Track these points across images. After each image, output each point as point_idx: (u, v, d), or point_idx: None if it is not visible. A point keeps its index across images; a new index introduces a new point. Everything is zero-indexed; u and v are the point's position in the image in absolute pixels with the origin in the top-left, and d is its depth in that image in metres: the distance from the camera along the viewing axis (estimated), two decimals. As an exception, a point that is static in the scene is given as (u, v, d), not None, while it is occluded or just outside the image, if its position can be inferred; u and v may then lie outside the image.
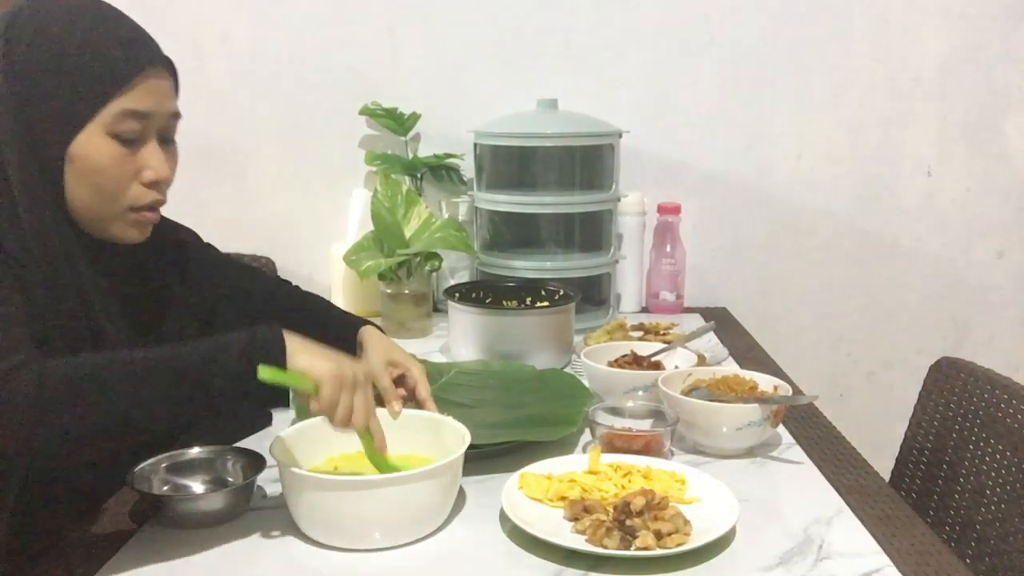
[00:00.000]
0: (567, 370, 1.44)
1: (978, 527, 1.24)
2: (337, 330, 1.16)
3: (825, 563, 0.85)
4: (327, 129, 1.97)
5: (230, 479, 0.99)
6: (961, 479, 1.30)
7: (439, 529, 0.92)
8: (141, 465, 0.97)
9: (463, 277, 1.84)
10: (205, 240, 1.24)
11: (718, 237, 2.01)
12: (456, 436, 0.96)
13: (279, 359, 0.87)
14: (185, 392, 0.85)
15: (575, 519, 0.91)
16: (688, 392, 1.17)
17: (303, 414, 1.10)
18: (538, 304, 1.54)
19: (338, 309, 1.29)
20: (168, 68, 0.97)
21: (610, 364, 1.32)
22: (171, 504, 0.93)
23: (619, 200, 1.77)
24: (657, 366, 1.32)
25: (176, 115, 0.99)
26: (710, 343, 1.56)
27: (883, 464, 1.32)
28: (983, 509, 1.24)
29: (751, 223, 2.01)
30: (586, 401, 1.20)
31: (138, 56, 0.93)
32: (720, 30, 1.93)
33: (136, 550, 0.88)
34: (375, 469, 0.96)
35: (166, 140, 0.98)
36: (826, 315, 2.05)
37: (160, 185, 0.97)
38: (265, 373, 0.86)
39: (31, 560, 0.88)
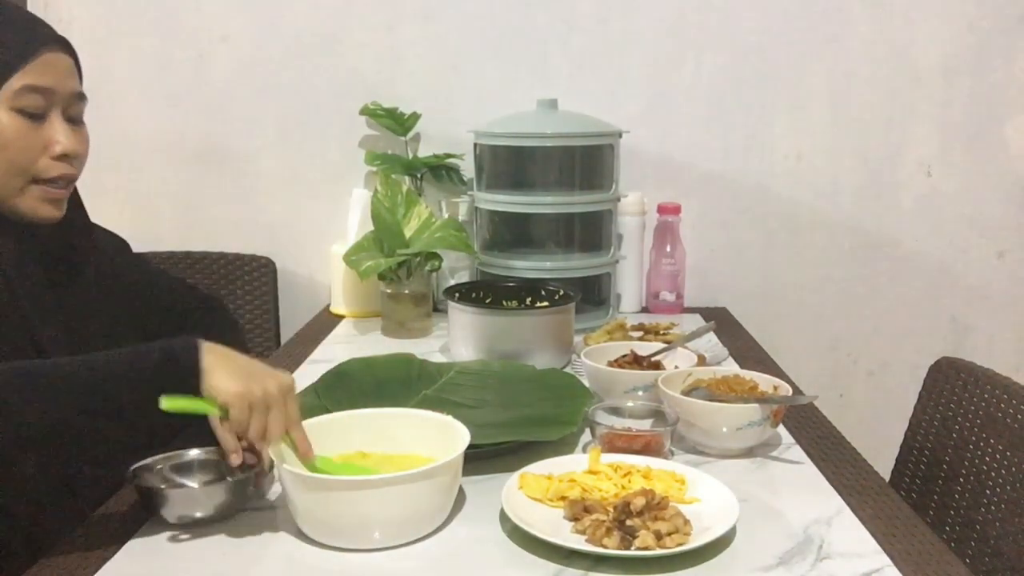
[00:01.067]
0: (567, 370, 1.44)
1: (978, 527, 1.24)
2: None
3: (825, 563, 0.85)
4: (327, 129, 1.97)
5: (229, 479, 0.99)
6: (961, 479, 1.30)
7: (439, 529, 0.92)
8: (140, 463, 0.96)
9: (463, 277, 1.84)
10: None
11: (718, 237, 2.01)
12: (456, 436, 0.96)
13: (192, 379, 0.88)
14: (97, 405, 0.86)
15: (575, 519, 0.91)
16: (688, 392, 1.17)
17: (302, 414, 1.10)
18: (538, 304, 1.54)
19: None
20: (67, 50, 1.01)
21: (610, 364, 1.32)
22: (170, 498, 0.92)
23: (619, 200, 1.77)
24: (657, 366, 1.31)
25: (80, 96, 1.02)
26: (710, 343, 1.56)
27: (883, 464, 1.32)
28: (983, 509, 1.24)
29: (751, 223, 2.01)
30: (586, 401, 1.20)
31: (35, 36, 0.97)
32: (720, 30, 1.93)
33: (136, 550, 0.88)
34: (376, 469, 0.96)
35: (73, 120, 1.01)
36: (826, 315, 2.05)
37: (70, 159, 0.99)
38: (168, 403, 0.85)
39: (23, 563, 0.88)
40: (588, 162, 1.78)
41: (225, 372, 0.89)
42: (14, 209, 0.98)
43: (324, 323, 1.81)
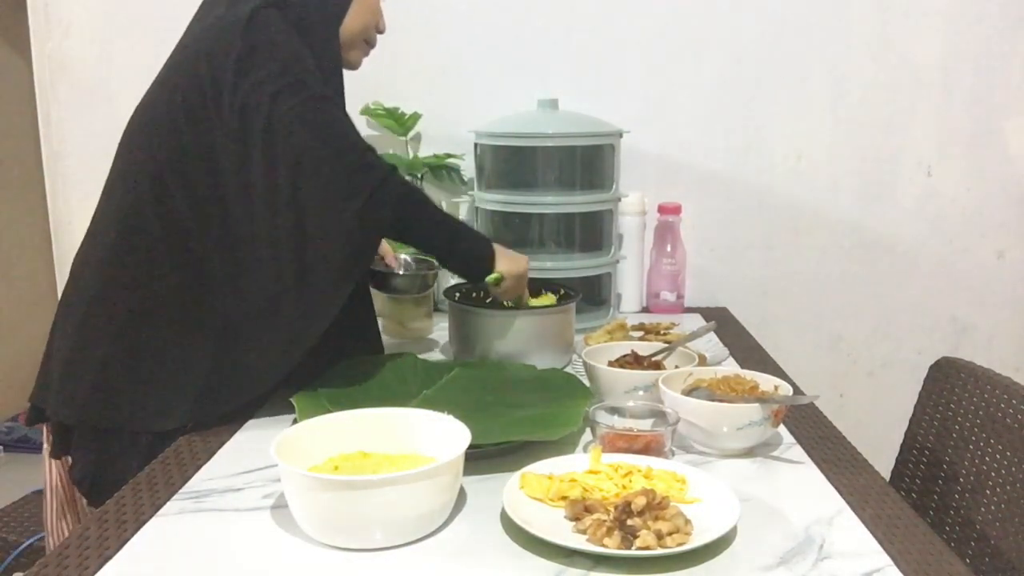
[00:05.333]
0: (567, 370, 1.44)
1: (978, 527, 1.24)
2: None
3: (825, 563, 0.85)
4: (327, 129, 1.97)
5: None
6: (961, 479, 1.30)
7: (439, 529, 0.92)
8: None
9: (463, 277, 1.84)
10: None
11: (718, 237, 2.01)
12: (456, 436, 0.96)
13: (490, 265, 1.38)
14: (442, 253, 1.35)
15: (576, 519, 0.91)
16: (689, 392, 1.17)
17: (304, 414, 1.10)
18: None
19: None
20: None
21: (610, 364, 1.32)
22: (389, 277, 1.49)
23: (619, 200, 1.77)
24: (658, 366, 1.31)
25: None
26: (710, 343, 1.56)
27: (883, 464, 1.32)
28: (983, 509, 1.24)
29: (751, 223, 2.01)
30: (586, 401, 1.20)
31: None
32: (720, 30, 1.93)
33: (135, 550, 0.89)
34: (374, 469, 0.96)
35: None
36: (826, 315, 2.05)
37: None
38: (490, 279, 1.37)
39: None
40: (588, 162, 1.79)
41: (505, 260, 1.39)
42: (348, 59, 1.34)
43: (324, 323, 1.81)
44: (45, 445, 1.28)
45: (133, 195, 1.20)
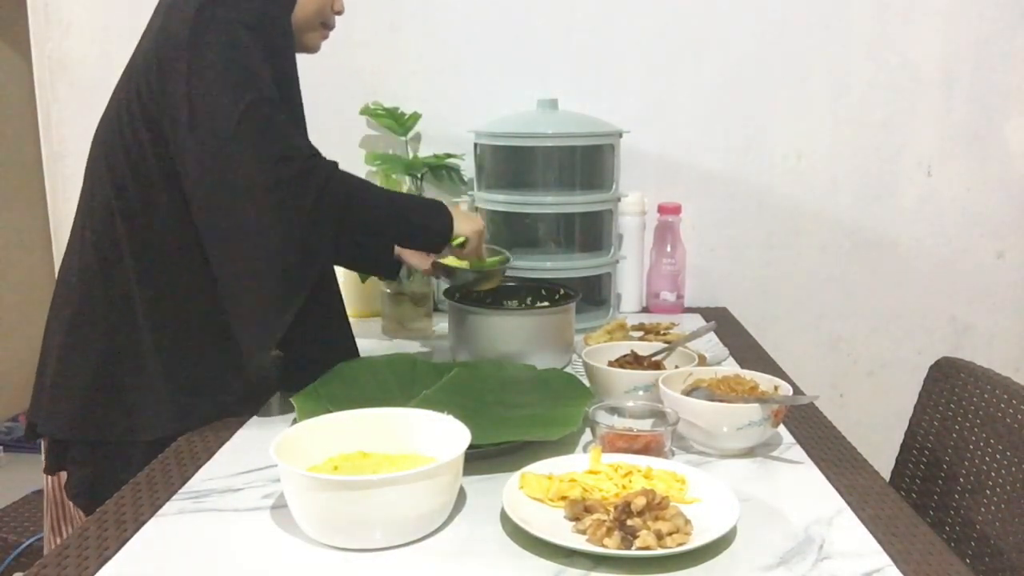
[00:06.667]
0: (567, 370, 1.44)
1: (978, 527, 1.24)
2: None
3: (825, 563, 0.85)
4: (327, 129, 1.96)
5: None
6: (961, 479, 1.30)
7: (439, 529, 0.92)
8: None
9: (463, 277, 1.84)
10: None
11: (718, 237, 2.01)
12: (456, 436, 0.96)
13: (448, 234, 1.34)
14: (394, 231, 1.33)
15: (576, 519, 0.91)
16: (688, 392, 1.17)
17: (304, 414, 1.10)
18: (538, 304, 1.54)
19: None
20: None
21: (610, 364, 1.31)
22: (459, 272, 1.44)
23: (619, 200, 1.77)
24: (657, 366, 1.31)
25: None
26: (710, 343, 1.56)
27: (883, 464, 1.32)
28: (983, 509, 1.24)
29: (751, 223, 2.01)
30: (586, 401, 1.20)
31: None
32: (720, 30, 1.93)
33: (135, 550, 0.89)
34: (374, 469, 0.96)
35: None
36: (826, 315, 2.05)
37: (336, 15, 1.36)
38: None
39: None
40: (588, 162, 1.79)
41: (464, 221, 1.36)
42: (301, 37, 1.30)
43: (324, 323, 1.81)
44: (43, 459, 1.28)
45: (101, 209, 1.21)
